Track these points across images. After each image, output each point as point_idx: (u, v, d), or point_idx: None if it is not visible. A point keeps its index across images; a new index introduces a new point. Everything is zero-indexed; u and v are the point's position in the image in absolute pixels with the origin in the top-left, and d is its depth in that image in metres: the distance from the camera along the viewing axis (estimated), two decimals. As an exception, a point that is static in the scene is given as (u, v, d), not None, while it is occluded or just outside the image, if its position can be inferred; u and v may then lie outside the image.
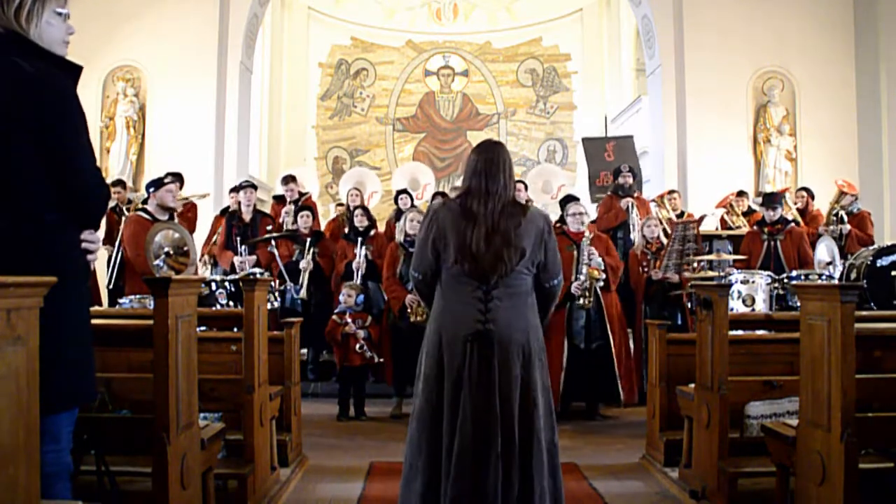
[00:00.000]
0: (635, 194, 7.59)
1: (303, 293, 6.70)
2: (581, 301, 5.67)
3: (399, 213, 7.25)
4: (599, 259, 5.73)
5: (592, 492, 3.91)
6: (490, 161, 2.75)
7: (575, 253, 5.82)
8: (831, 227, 7.20)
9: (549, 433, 2.66)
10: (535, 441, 2.59)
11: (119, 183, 7.88)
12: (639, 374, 6.05)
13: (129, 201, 7.58)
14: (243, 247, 6.69)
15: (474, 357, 2.58)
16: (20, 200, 2.01)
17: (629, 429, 5.48)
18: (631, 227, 7.24)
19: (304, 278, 6.72)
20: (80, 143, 2.12)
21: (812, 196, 8.19)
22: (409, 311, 5.72)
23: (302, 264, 6.73)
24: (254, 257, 6.72)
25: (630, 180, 7.50)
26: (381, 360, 5.92)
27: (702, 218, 7.14)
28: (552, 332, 5.79)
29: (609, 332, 5.77)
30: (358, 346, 5.78)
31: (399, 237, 6.02)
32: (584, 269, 5.65)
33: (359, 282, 6.30)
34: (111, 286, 6.79)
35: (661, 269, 6.21)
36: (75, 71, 2.14)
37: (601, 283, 5.72)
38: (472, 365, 2.57)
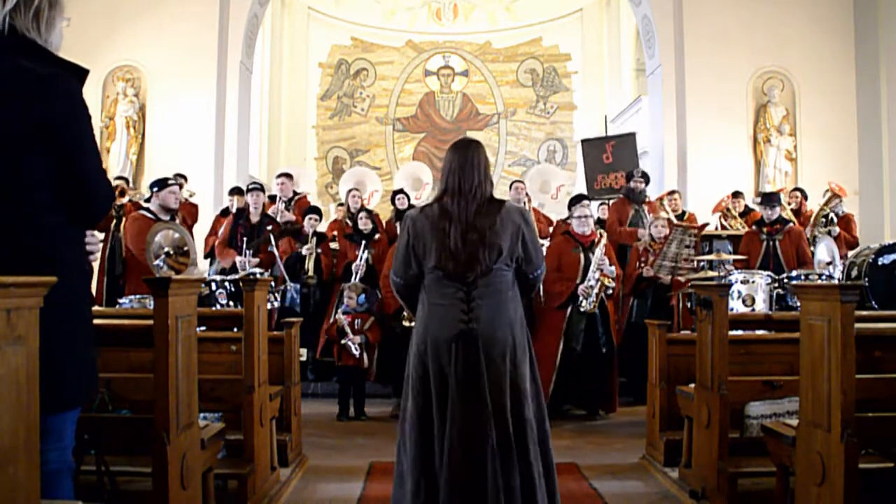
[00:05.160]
0: (647, 199, 7.55)
1: (310, 274, 6.71)
2: (585, 305, 5.67)
3: (398, 214, 7.23)
4: (612, 268, 5.72)
5: (592, 492, 3.91)
6: (464, 160, 2.79)
7: (581, 256, 5.81)
8: (818, 230, 7.20)
9: (538, 421, 2.71)
10: (529, 430, 2.64)
11: (121, 178, 7.93)
12: (619, 373, 6.07)
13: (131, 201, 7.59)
14: (249, 250, 6.69)
15: (460, 357, 2.62)
16: (26, 201, 2.02)
17: (629, 429, 5.48)
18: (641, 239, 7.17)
19: (309, 264, 6.73)
20: (88, 145, 2.13)
21: (805, 197, 8.21)
22: (404, 313, 5.71)
23: (304, 251, 6.75)
24: (257, 259, 6.71)
25: (642, 186, 7.44)
26: (367, 367, 5.91)
27: (704, 226, 7.12)
28: (546, 333, 5.78)
29: (613, 338, 5.80)
30: (345, 342, 5.77)
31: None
32: (597, 275, 5.64)
33: (357, 282, 6.29)
34: (107, 285, 6.81)
35: (654, 268, 6.21)
36: (82, 74, 2.15)
37: (610, 292, 5.72)
38: (458, 365, 2.61)
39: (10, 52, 2.03)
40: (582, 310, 5.68)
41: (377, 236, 6.81)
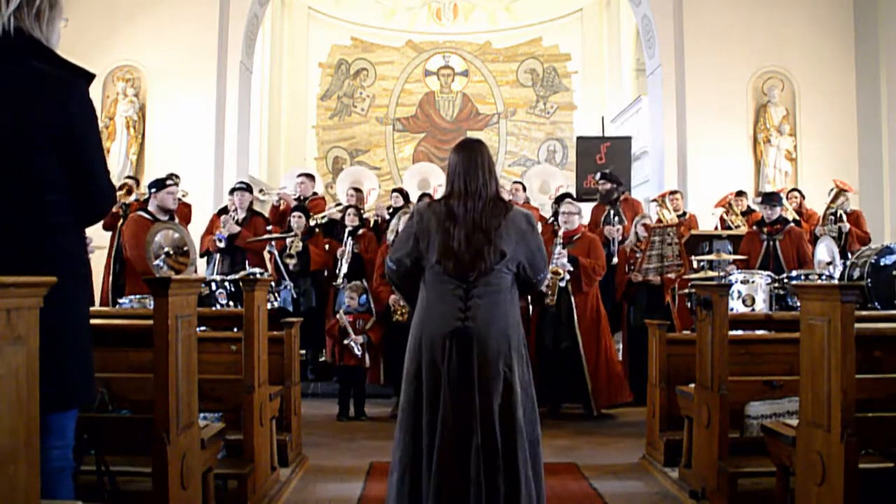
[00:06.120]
0: (622, 197, 7.58)
1: (290, 252, 6.77)
2: (546, 299, 5.75)
3: (394, 212, 7.27)
4: (564, 260, 5.80)
5: (592, 492, 3.91)
6: (468, 160, 2.80)
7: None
8: (828, 227, 7.19)
9: (530, 426, 2.72)
10: (518, 433, 2.64)
11: (130, 178, 7.97)
12: (626, 376, 6.06)
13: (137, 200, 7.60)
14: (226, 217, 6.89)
15: (454, 354, 2.64)
16: (31, 201, 2.02)
17: (629, 429, 5.49)
18: (611, 241, 7.15)
19: (296, 245, 6.76)
20: (96, 146, 2.15)
21: (803, 196, 8.22)
22: (392, 310, 5.78)
23: (287, 241, 6.79)
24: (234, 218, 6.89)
25: (607, 187, 7.45)
26: (368, 367, 5.92)
27: (682, 220, 7.10)
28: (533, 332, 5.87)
29: (577, 334, 5.78)
30: (348, 342, 5.79)
31: (390, 237, 6.00)
32: (549, 268, 5.73)
33: (344, 272, 6.39)
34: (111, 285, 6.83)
35: (642, 273, 6.22)
36: (89, 77, 2.16)
37: (563, 283, 5.76)
38: (451, 362, 2.63)
39: (20, 52, 2.04)
40: (546, 304, 5.78)
41: (361, 231, 6.89)
